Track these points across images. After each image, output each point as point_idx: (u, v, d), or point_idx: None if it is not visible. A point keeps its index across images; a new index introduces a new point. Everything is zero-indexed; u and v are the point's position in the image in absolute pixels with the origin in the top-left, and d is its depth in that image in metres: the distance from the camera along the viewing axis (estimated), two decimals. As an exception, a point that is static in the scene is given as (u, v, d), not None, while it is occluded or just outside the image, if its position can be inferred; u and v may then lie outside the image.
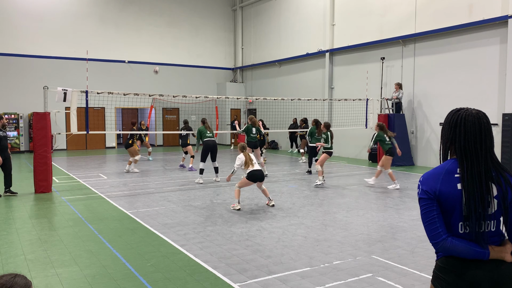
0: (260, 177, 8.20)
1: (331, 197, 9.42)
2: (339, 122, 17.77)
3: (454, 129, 2.21)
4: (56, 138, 13.44)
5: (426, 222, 2.18)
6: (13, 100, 19.80)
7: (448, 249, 2.13)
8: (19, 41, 20.03)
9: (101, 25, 21.91)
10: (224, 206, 8.46)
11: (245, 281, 4.65)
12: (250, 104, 24.61)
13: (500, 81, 12.90)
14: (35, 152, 9.88)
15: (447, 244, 2.12)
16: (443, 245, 2.13)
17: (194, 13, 24.57)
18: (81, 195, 9.69)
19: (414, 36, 15.31)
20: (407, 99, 15.82)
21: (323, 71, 19.69)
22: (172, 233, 6.51)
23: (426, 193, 2.18)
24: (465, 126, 2.17)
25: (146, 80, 22.90)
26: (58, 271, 4.96)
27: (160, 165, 15.35)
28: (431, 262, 5.27)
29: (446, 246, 2.12)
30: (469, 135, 2.16)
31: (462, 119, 2.19)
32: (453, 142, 2.22)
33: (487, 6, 13.18)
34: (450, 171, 2.19)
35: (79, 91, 10.32)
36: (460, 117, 2.21)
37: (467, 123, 2.17)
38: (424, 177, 2.24)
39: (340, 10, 18.71)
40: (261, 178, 8.24)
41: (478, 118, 2.18)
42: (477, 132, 2.16)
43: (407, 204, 8.70)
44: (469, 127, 2.17)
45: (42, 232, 6.60)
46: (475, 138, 2.15)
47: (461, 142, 2.18)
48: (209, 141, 11.57)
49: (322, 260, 5.33)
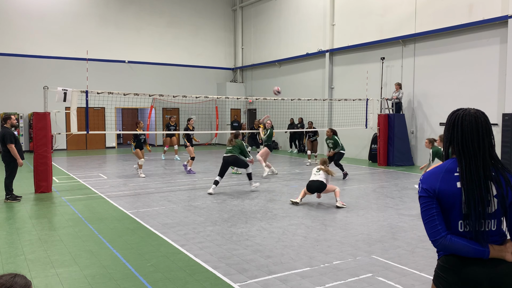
0: (315, 188, 8.33)
1: (331, 197, 9.41)
2: (339, 122, 17.77)
3: (452, 129, 2.24)
4: (56, 138, 13.43)
5: (425, 220, 2.19)
6: (13, 100, 19.80)
7: (447, 247, 2.14)
8: (19, 41, 20.04)
9: (101, 25, 21.92)
10: (224, 206, 8.46)
11: (245, 281, 4.65)
12: (250, 104, 24.61)
13: (500, 81, 12.90)
14: (35, 152, 9.88)
15: (446, 241, 2.13)
16: (442, 242, 2.14)
17: (194, 13, 24.57)
18: (81, 195, 9.69)
19: (414, 36, 15.31)
20: (407, 99, 15.82)
21: (323, 71, 19.69)
22: (172, 233, 6.51)
23: (426, 191, 2.20)
24: (462, 126, 2.19)
25: (146, 80, 22.89)
26: (58, 271, 4.96)
27: (161, 165, 15.35)
28: (431, 262, 5.27)
29: (445, 243, 2.13)
30: (466, 134, 2.18)
31: (459, 119, 2.21)
32: (452, 141, 2.24)
33: (487, 6, 13.18)
34: (449, 170, 2.20)
35: (79, 91, 10.32)
36: (458, 117, 2.23)
37: (464, 122, 2.19)
38: (425, 176, 2.26)
39: (340, 10, 18.71)
40: (318, 189, 8.35)
41: (476, 117, 2.19)
42: (474, 131, 2.17)
43: (407, 204, 8.70)
44: (466, 126, 2.18)
45: (42, 232, 6.60)
46: (472, 137, 2.17)
47: (458, 142, 2.20)
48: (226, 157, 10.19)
49: (322, 260, 5.33)
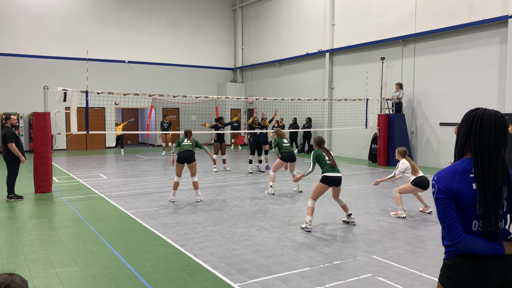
0: (427, 184, 7.47)
1: (331, 197, 9.40)
2: (339, 122, 17.78)
3: (470, 126, 2.22)
4: (56, 138, 13.44)
5: (445, 222, 2.18)
6: (13, 100, 19.79)
7: (467, 247, 2.15)
8: (19, 41, 20.03)
9: (101, 25, 21.91)
10: (224, 206, 8.46)
11: (245, 281, 4.65)
12: (250, 104, 24.61)
13: (500, 81, 12.90)
14: (35, 152, 9.88)
15: (467, 242, 2.14)
16: (463, 243, 2.14)
17: (194, 13, 24.57)
18: (81, 195, 9.69)
19: (414, 36, 15.31)
20: (407, 99, 15.82)
21: (323, 71, 19.68)
22: (172, 233, 6.51)
23: (444, 193, 2.19)
24: (481, 123, 2.18)
25: (146, 80, 22.89)
26: (58, 271, 4.96)
27: (160, 165, 15.35)
28: (431, 262, 5.27)
29: (466, 243, 2.14)
30: (484, 132, 2.17)
31: (479, 117, 2.20)
32: (468, 138, 2.23)
33: (487, 6, 13.17)
34: (465, 171, 2.20)
35: (79, 91, 10.32)
36: (478, 114, 2.22)
37: (484, 121, 2.18)
38: (439, 175, 2.24)
39: (340, 10, 18.70)
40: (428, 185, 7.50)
41: (495, 117, 2.18)
42: (492, 130, 2.16)
43: (407, 204, 8.70)
44: (485, 124, 2.17)
45: (42, 232, 6.60)
46: (490, 136, 2.16)
47: (476, 138, 2.19)
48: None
49: (322, 260, 5.33)
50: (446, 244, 2.27)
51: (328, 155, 7.02)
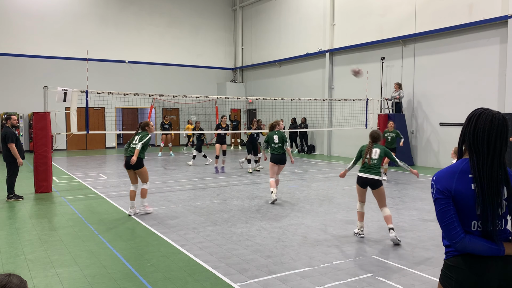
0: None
1: (331, 197, 9.42)
2: (339, 122, 17.77)
3: (467, 124, 2.23)
4: (56, 138, 13.44)
5: (444, 223, 2.18)
6: (13, 100, 19.79)
7: (467, 247, 2.15)
8: (19, 41, 20.03)
9: (101, 25, 21.91)
10: (224, 206, 8.46)
11: (245, 281, 4.65)
12: (250, 104, 24.61)
13: (500, 81, 12.90)
14: (35, 152, 9.88)
15: (466, 242, 2.13)
16: (462, 243, 2.14)
17: (194, 13, 24.57)
18: (81, 195, 9.69)
19: (414, 36, 15.31)
20: (407, 99, 15.82)
21: (323, 71, 19.68)
22: (172, 233, 6.51)
23: (442, 193, 2.18)
24: (476, 122, 2.18)
25: (146, 80, 22.89)
26: (58, 271, 4.96)
27: (160, 165, 15.35)
28: (431, 262, 5.27)
29: (465, 244, 2.14)
30: (478, 131, 2.16)
31: (476, 116, 2.20)
32: (464, 137, 2.24)
33: (487, 6, 13.17)
34: (464, 171, 2.20)
35: (79, 91, 10.31)
36: (476, 113, 2.22)
37: (479, 120, 2.18)
38: (438, 175, 2.24)
39: (340, 10, 18.70)
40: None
41: (492, 117, 2.17)
42: (486, 128, 2.15)
43: (407, 204, 8.70)
44: (480, 123, 2.17)
45: (42, 232, 6.60)
46: (484, 134, 2.15)
47: (470, 138, 2.19)
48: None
49: (322, 260, 5.33)
50: (446, 244, 2.26)
51: (369, 152, 6.39)
